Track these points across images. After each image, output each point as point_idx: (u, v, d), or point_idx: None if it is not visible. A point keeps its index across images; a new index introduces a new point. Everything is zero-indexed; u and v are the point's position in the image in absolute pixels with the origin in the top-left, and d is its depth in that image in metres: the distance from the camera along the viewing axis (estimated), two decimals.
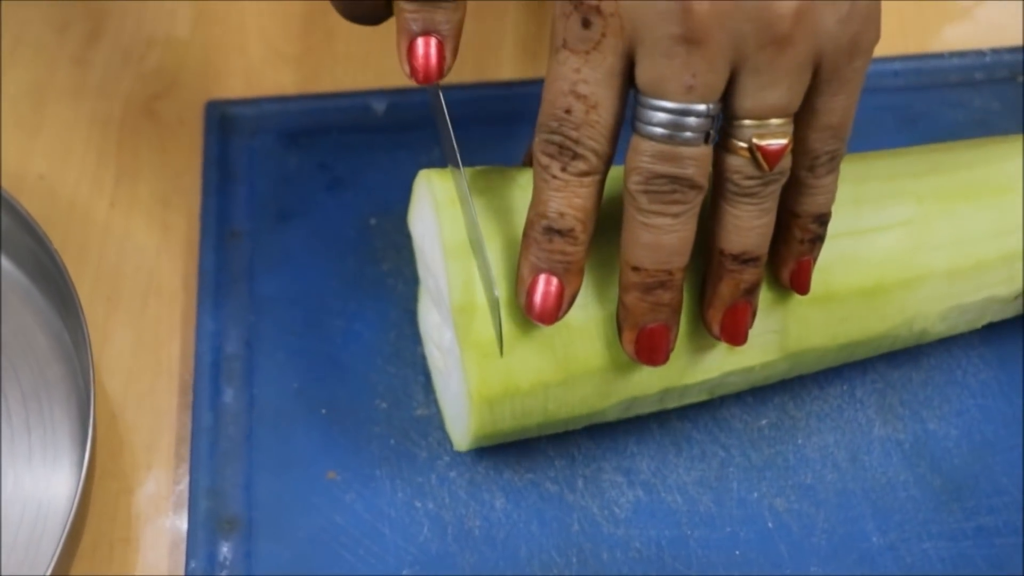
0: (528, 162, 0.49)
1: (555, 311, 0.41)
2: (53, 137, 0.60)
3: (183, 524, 0.47)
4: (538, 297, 0.41)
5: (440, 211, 0.43)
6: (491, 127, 0.58)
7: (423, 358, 0.52)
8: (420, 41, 0.40)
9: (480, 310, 0.42)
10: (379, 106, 0.61)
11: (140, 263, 0.56)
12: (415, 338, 0.52)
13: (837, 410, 0.51)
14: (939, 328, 0.49)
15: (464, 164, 0.44)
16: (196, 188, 0.58)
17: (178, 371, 0.52)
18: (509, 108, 0.60)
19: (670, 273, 0.41)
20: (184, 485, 0.49)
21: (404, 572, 0.46)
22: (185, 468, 0.49)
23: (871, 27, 0.39)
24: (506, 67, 0.64)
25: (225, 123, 0.60)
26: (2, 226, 0.53)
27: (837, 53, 0.39)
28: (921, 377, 0.52)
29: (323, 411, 0.50)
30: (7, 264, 0.54)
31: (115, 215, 0.58)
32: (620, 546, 0.47)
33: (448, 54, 0.41)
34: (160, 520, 0.48)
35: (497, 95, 0.62)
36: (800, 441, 0.50)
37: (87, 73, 0.63)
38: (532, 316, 0.41)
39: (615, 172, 0.41)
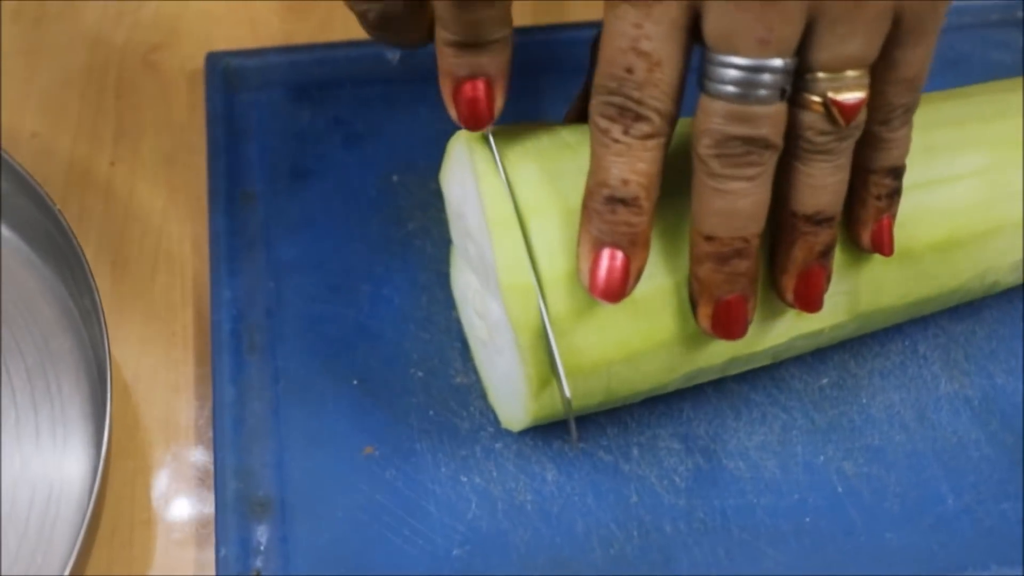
0: (573, 118, 0.45)
1: (621, 288, 0.37)
2: (46, 92, 0.56)
3: (207, 504, 0.44)
4: (602, 274, 0.37)
5: (482, 182, 0.39)
6: (516, 79, 0.55)
7: (458, 323, 0.48)
8: (467, 85, 0.38)
9: (534, 290, 0.39)
10: (393, 55, 0.57)
11: (147, 226, 0.52)
12: (448, 302, 0.49)
13: (900, 367, 0.48)
14: (1009, 279, 0.47)
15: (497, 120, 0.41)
16: (203, 145, 0.54)
17: (193, 342, 0.49)
18: (535, 57, 0.56)
19: (746, 240, 0.37)
20: (206, 462, 0.45)
21: (454, 552, 0.42)
22: (205, 445, 0.46)
23: None
24: (529, 12, 0.61)
25: (228, 76, 0.56)
26: None
27: (921, 1, 0.35)
28: (985, 331, 0.49)
29: (355, 382, 0.46)
30: (4, 230, 0.50)
31: (117, 174, 0.54)
32: (683, 517, 0.44)
33: (498, 96, 0.39)
34: (182, 500, 0.44)
35: (522, 43, 0.58)
36: (864, 401, 0.47)
37: (80, 23, 0.59)
38: (596, 294, 0.37)
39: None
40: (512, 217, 0.39)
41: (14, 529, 0.42)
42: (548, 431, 0.45)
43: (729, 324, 0.39)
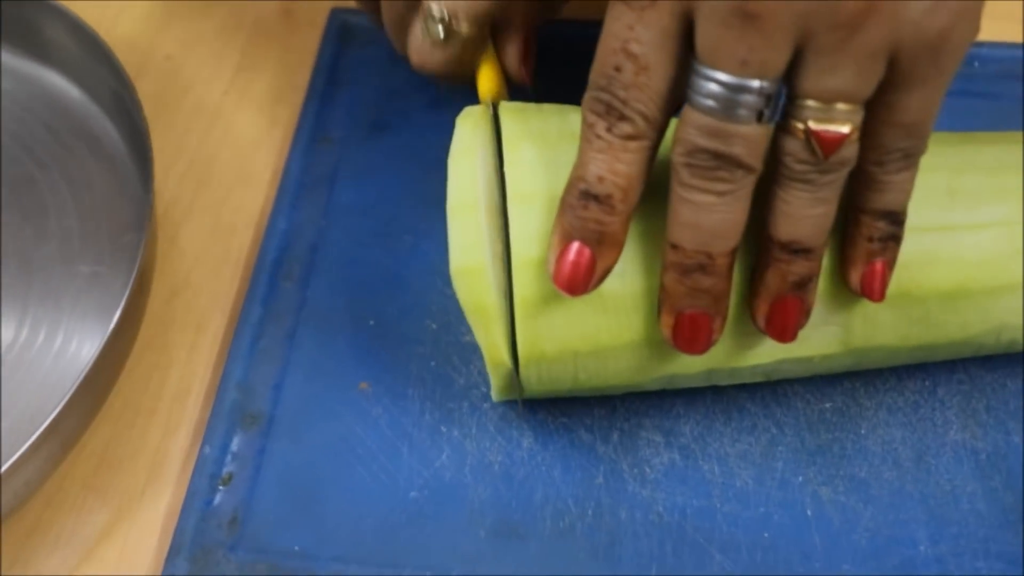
0: None
1: (582, 284, 0.38)
2: (187, 20, 0.62)
3: (208, 408, 0.47)
4: (566, 267, 0.38)
5: (452, 163, 0.41)
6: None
7: None
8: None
9: (483, 273, 0.40)
10: None
11: (237, 151, 0.56)
12: None
13: (912, 405, 0.46)
14: None
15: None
16: None
17: (244, 262, 0.52)
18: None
19: (710, 257, 0.37)
20: (220, 372, 0.48)
21: (411, 494, 0.44)
22: (225, 356, 0.49)
23: (965, 24, 0.35)
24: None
25: (344, 31, 0.59)
26: (112, 98, 0.54)
27: (917, 47, 0.34)
28: (1017, 386, 0.47)
29: (371, 322, 0.49)
30: (113, 131, 0.55)
31: (226, 103, 0.59)
32: (641, 507, 0.44)
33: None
34: (189, 401, 0.48)
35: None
36: (863, 431, 0.46)
37: None
38: (558, 285, 0.38)
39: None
40: (472, 202, 0.40)
41: (29, 397, 0.47)
42: (537, 403, 0.46)
43: (689, 338, 0.39)
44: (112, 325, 0.43)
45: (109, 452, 0.47)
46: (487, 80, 0.46)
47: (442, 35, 0.46)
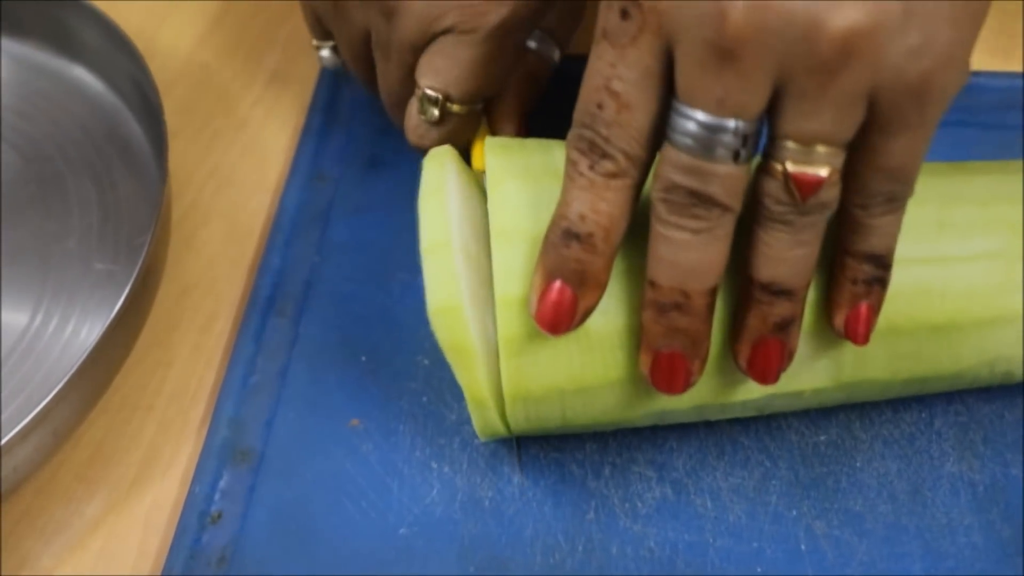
0: None
1: (564, 324, 0.38)
2: (226, 30, 0.64)
3: (208, 418, 0.48)
4: (547, 306, 0.38)
5: (424, 202, 0.41)
6: None
7: None
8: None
9: (461, 313, 0.40)
10: None
11: (261, 159, 0.58)
12: None
13: (908, 437, 0.46)
14: None
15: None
16: None
17: (254, 268, 0.53)
18: None
19: (686, 295, 0.37)
20: (218, 379, 0.49)
21: (401, 530, 0.44)
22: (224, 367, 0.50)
23: (951, 69, 0.34)
24: None
25: (339, 69, 0.60)
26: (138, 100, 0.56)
27: (899, 92, 0.34)
28: (1015, 416, 0.46)
29: (363, 359, 0.49)
30: (141, 135, 0.57)
31: (255, 113, 0.60)
32: (633, 542, 0.43)
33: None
34: (186, 401, 0.49)
35: None
36: (858, 464, 0.45)
37: None
38: (539, 324, 0.38)
39: None
40: (446, 241, 0.40)
41: (34, 384, 0.49)
42: (529, 439, 0.46)
43: (666, 378, 0.39)
44: (110, 319, 0.44)
45: (104, 445, 0.48)
46: (481, 156, 0.47)
47: (437, 116, 0.47)
